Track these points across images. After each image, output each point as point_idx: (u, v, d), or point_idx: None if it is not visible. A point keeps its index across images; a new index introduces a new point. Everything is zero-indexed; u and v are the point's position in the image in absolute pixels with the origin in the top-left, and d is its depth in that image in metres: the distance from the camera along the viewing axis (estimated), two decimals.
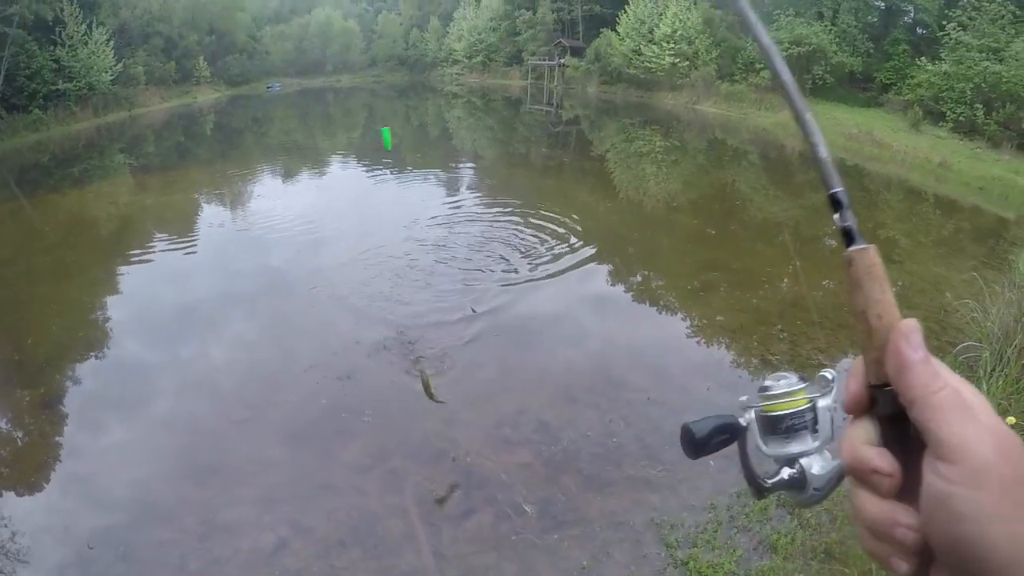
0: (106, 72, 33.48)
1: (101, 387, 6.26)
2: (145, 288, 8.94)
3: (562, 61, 47.22)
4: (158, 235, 11.73)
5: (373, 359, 6.41)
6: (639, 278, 8.71)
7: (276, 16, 71.00)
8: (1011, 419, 4.22)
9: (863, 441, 0.56)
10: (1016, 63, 23.01)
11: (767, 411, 0.79)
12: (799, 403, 0.78)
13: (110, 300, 8.60)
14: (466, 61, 59.87)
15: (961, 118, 24.02)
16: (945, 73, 25.03)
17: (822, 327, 7.16)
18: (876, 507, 0.53)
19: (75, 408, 5.87)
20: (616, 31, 40.96)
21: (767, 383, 0.81)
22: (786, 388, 0.79)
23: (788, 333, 7.00)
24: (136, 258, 10.38)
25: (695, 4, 36.88)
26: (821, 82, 30.70)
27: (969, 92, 23.93)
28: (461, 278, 8.59)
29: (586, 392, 5.75)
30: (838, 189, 0.63)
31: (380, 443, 5.03)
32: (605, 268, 9.00)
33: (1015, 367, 4.86)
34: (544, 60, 49.58)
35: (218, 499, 4.44)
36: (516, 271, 8.99)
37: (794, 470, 0.78)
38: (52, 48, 30.12)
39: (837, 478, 0.77)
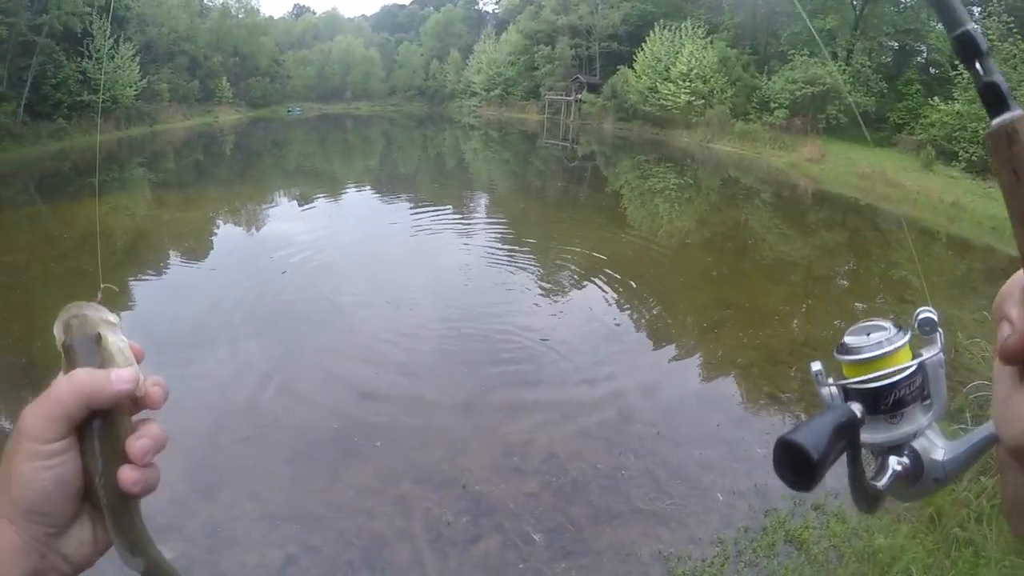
0: (130, 87, 34.30)
1: None
2: (156, 302, 8.98)
3: (579, 96, 47.79)
4: (173, 251, 11.85)
5: (381, 380, 6.45)
6: (651, 313, 8.70)
7: (299, 42, 72.54)
8: None
9: None
10: None
11: (866, 382, 0.59)
12: (902, 361, 0.58)
13: (121, 312, 8.63)
14: (484, 94, 60.88)
15: (973, 158, 23.91)
16: (958, 113, 25.03)
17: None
18: None
19: None
20: (633, 68, 41.54)
21: (853, 340, 0.61)
22: (887, 346, 0.59)
23: (799, 371, 6.97)
24: (150, 272, 10.46)
25: (711, 43, 37.44)
26: (835, 121, 30.91)
27: (982, 131, 23.89)
28: (478, 302, 8.75)
29: (596, 425, 5.72)
30: (967, 27, 0.42)
31: (390, 468, 5.01)
32: (617, 302, 9.01)
33: None
34: (561, 95, 50.26)
35: (224, 513, 4.41)
36: (527, 297, 9.11)
37: (903, 458, 0.59)
38: (79, 60, 30.83)
39: (972, 460, 0.58)
